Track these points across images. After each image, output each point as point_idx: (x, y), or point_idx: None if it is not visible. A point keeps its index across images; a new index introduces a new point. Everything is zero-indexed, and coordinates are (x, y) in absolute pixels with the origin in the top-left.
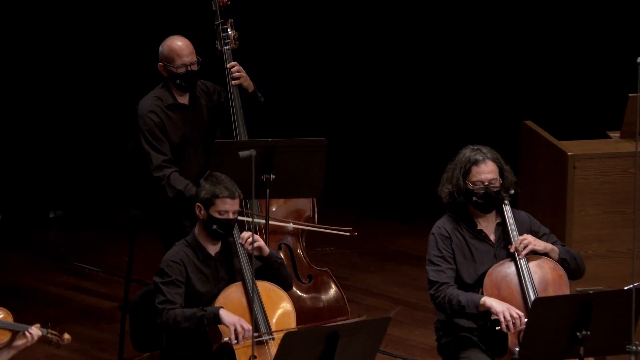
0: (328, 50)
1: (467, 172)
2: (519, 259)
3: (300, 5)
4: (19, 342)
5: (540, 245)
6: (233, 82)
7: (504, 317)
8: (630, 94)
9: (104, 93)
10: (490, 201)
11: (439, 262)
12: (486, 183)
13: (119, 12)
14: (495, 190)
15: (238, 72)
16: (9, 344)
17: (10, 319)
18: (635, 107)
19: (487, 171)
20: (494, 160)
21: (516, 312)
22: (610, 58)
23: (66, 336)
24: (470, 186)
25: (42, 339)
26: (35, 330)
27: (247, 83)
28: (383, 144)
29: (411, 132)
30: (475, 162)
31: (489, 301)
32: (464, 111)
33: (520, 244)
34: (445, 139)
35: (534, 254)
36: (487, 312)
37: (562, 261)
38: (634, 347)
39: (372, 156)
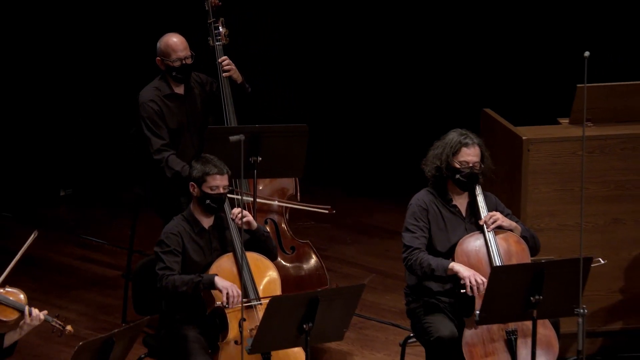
0: (309, 43)
1: (456, 152)
2: (488, 232)
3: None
4: (26, 323)
5: (506, 222)
6: (224, 74)
7: (469, 282)
8: (578, 85)
9: (109, 83)
10: (471, 180)
11: (414, 229)
12: (471, 164)
13: (123, 12)
14: (477, 172)
15: (228, 65)
16: (16, 323)
17: (25, 301)
18: (582, 96)
19: (473, 154)
20: (480, 146)
21: (480, 278)
22: (561, 52)
23: (68, 327)
24: (457, 165)
25: (47, 327)
26: (40, 315)
27: (237, 75)
28: (358, 131)
29: (382, 120)
30: (466, 145)
31: (457, 266)
32: (430, 99)
33: (490, 218)
34: (413, 125)
35: (500, 229)
36: (454, 276)
37: (523, 238)
38: (581, 310)
39: (349, 141)
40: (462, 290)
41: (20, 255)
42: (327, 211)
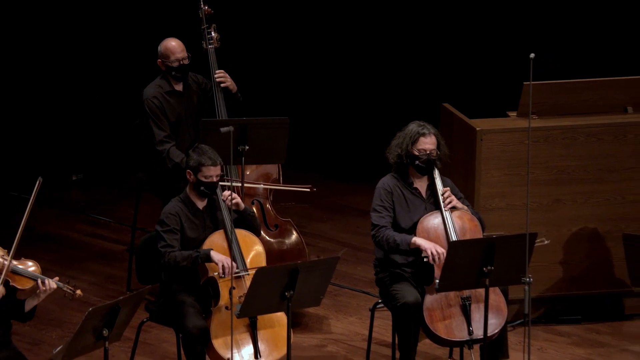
0: (294, 43)
1: (414, 141)
2: (445, 210)
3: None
4: (41, 290)
5: (459, 204)
6: (221, 84)
7: (430, 252)
8: (524, 82)
9: (116, 81)
10: (428, 166)
11: (380, 210)
12: (428, 152)
13: (131, 20)
14: (434, 158)
15: (222, 77)
16: (33, 290)
17: (37, 270)
18: (528, 93)
19: (430, 142)
20: (436, 136)
21: (439, 249)
22: (510, 53)
23: (78, 291)
24: (416, 152)
25: (61, 294)
26: (53, 283)
27: (232, 86)
28: (333, 123)
29: (354, 114)
30: (423, 135)
31: (418, 240)
32: (396, 94)
33: (447, 198)
34: (381, 118)
35: (454, 209)
36: (417, 249)
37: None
38: (527, 279)
39: (325, 132)
40: (425, 260)
41: (30, 207)
42: (308, 189)
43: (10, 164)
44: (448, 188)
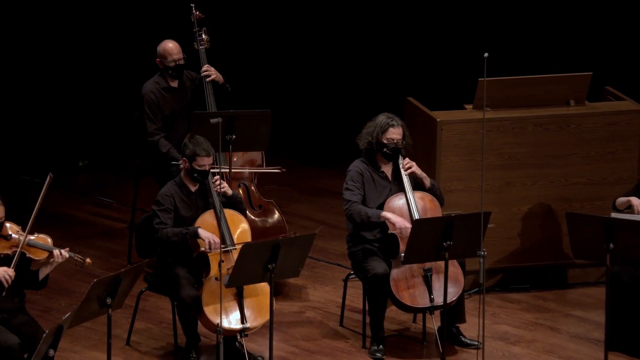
0: (275, 40)
1: (384, 131)
2: (405, 182)
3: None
4: (53, 260)
5: (419, 171)
6: (207, 79)
7: (399, 226)
8: (479, 79)
9: (119, 77)
10: (395, 153)
11: (352, 188)
12: (395, 141)
13: (134, 24)
14: (400, 147)
15: (207, 71)
16: (47, 261)
17: (50, 243)
18: (483, 88)
19: (397, 133)
20: (402, 127)
21: (407, 224)
22: (468, 51)
23: (87, 260)
24: (384, 141)
25: (71, 265)
26: (64, 253)
27: (218, 78)
28: (309, 114)
29: (329, 105)
30: (392, 126)
31: (387, 214)
32: (366, 88)
33: (407, 164)
34: (352, 109)
35: (414, 177)
36: (384, 226)
37: (432, 186)
38: (482, 252)
39: (303, 122)
40: (389, 232)
41: (42, 195)
42: (278, 170)
43: (24, 151)
44: (411, 161)
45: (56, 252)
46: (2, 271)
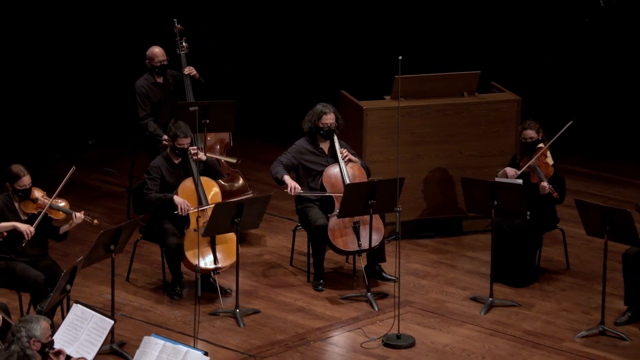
0: (242, 37)
1: (319, 118)
2: (342, 161)
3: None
4: (72, 221)
5: (354, 158)
6: (190, 74)
7: (290, 185)
8: (395, 76)
9: (119, 75)
10: (329, 134)
11: (286, 154)
12: (329, 124)
13: (131, 33)
14: (333, 129)
15: (190, 71)
16: (66, 221)
17: (67, 207)
18: (398, 83)
19: (330, 118)
20: (334, 113)
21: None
22: (388, 53)
23: (95, 221)
24: (321, 125)
25: (82, 222)
26: (79, 215)
27: (196, 74)
28: (267, 101)
29: (283, 95)
30: (325, 113)
31: (287, 178)
32: (310, 81)
33: (345, 156)
34: (299, 98)
35: (350, 162)
36: (281, 181)
37: (362, 167)
38: (398, 208)
39: (261, 107)
40: (325, 195)
41: (65, 181)
42: (234, 161)
43: (47, 132)
44: (345, 149)
45: (76, 215)
46: (26, 227)
